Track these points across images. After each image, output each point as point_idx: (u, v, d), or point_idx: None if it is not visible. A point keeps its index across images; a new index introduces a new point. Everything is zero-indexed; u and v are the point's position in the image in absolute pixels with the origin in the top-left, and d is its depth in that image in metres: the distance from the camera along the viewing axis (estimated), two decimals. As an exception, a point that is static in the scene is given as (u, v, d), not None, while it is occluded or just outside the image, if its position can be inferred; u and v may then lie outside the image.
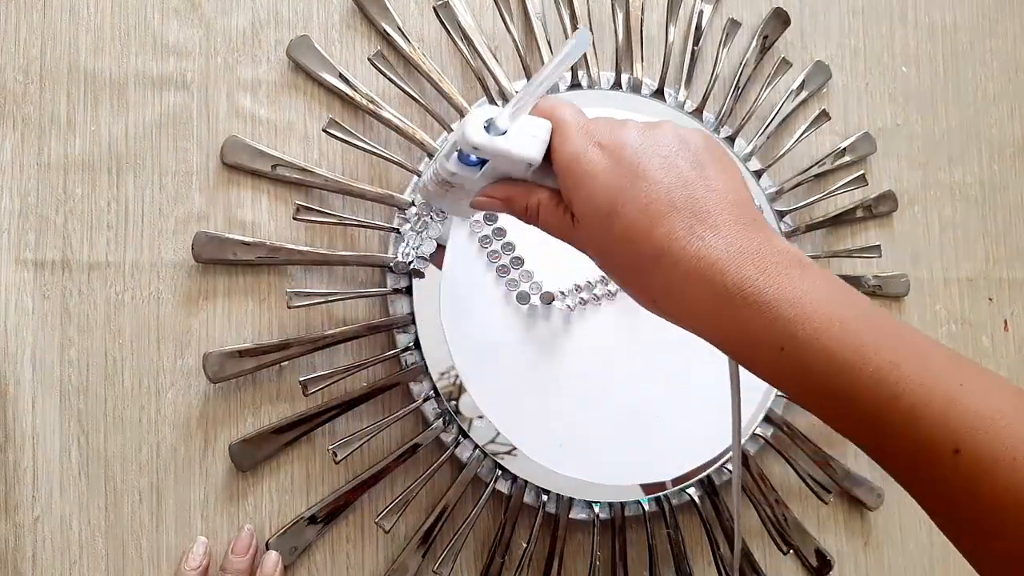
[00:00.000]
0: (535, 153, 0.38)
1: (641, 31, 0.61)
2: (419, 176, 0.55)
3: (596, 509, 0.56)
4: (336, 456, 0.51)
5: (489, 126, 0.38)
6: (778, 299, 0.33)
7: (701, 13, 0.64)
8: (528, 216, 0.41)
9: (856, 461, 0.64)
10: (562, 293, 0.56)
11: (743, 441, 0.60)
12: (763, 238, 0.35)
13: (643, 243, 0.35)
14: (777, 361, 0.34)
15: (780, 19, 0.66)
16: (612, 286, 0.57)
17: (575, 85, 0.59)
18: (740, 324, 0.34)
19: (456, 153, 0.39)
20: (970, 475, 0.30)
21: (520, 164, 0.39)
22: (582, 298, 0.56)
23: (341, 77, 0.55)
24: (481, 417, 0.53)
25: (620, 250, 0.37)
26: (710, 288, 0.34)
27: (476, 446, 0.54)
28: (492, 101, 0.57)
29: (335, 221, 0.53)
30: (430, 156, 0.55)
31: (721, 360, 0.40)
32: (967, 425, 0.30)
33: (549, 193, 0.40)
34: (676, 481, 0.57)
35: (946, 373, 0.32)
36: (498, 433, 0.54)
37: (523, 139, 0.38)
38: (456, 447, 0.54)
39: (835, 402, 0.33)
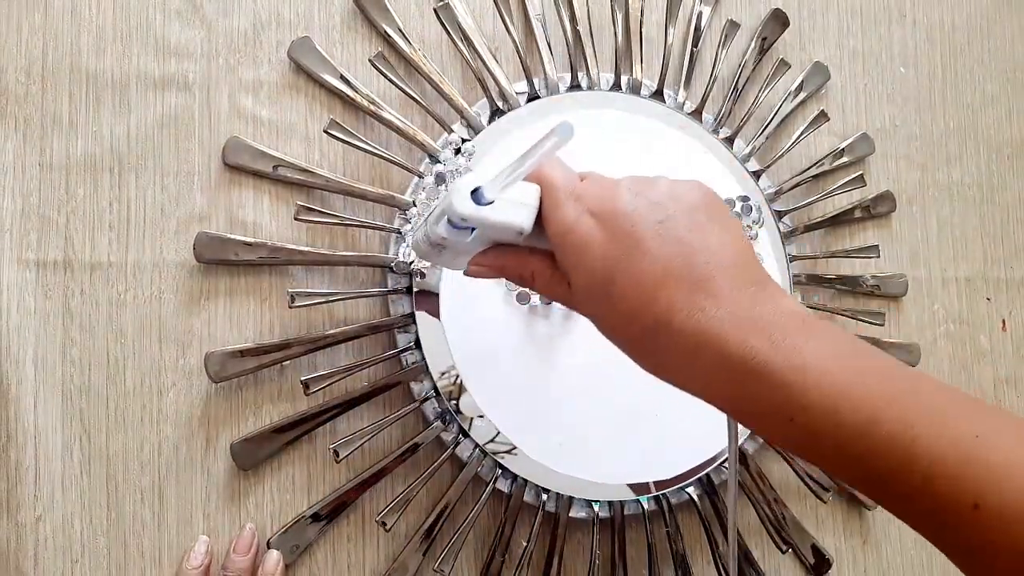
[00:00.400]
0: (525, 222, 0.37)
1: (640, 32, 0.61)
2: (420, 177, 0.55)
3: (596, 508, 0.56)
4: (337, 455, 0.51)
5: (477, 194, 0.37)
6: (785, 368, 0.32)
7: (700, 15, 0.64)
8: (525, 284, 0.40)
9: (854, 460, 0.64)
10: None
11: (741, 441, 0.60)
12: (766, 300, 0.34)
13: (643, 316, 0.34)
14: (789, 430, 0.33)
15: (779, 20, 0.66)
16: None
17: (575, 87, 0.59)
18: (749, 394, 0.33)
19: (445, 219, 0.38)
20: (990, 528, 0.29)
21: (510, 232, 0.38)
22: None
23: (342, 78, 0.55)
24: (481, 416, 0.54)
25: (620, 320, 0.36)
26: (715, 360, 0.33)
27: (476, 445, 0.54)
28: (492, 102, 0.57)
29: (336, 221, 0.54)
30: (431, 157, 0.56)
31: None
32: (984, 478, 0.30)
33: (544, 260, 0.39)
34: (675, 480, 0.57)
35: (961, 425, 0.31)
36: (498, 432, 0.54)
37: (511, 207, 0.37)
38: (456, 446, 0.54)
39: (851, 466, 0.33)
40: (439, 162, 0.55)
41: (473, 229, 0.39)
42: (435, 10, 0.56)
